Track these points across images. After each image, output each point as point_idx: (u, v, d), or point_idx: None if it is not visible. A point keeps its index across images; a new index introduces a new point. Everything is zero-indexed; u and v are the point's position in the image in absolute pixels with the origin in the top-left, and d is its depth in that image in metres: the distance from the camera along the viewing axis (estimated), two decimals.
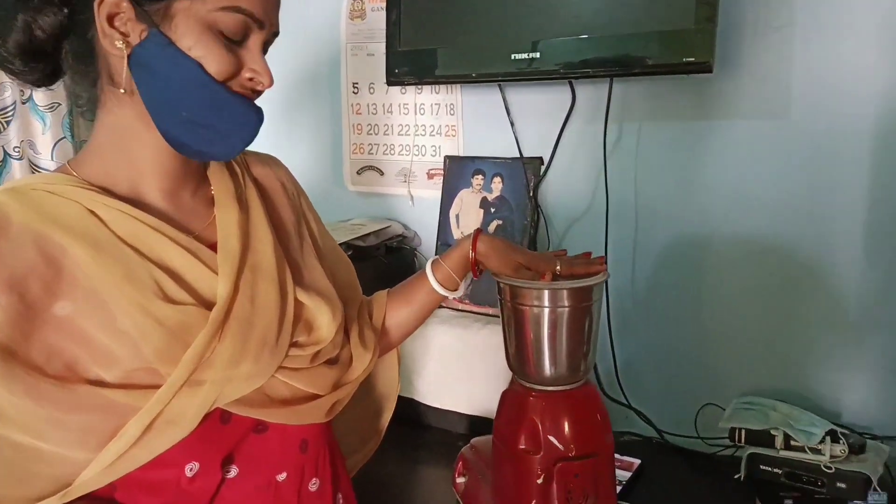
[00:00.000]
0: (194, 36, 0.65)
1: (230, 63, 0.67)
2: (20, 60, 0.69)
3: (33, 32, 0.67)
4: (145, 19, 0.65)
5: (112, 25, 0.65)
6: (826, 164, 1.16)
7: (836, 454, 1.04)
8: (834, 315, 1.19)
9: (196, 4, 0.65)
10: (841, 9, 1.12)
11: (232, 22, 0.66)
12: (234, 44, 0.68)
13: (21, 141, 1.40)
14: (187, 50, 0.65)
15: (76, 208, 0.67)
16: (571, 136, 1.38)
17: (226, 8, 0.65)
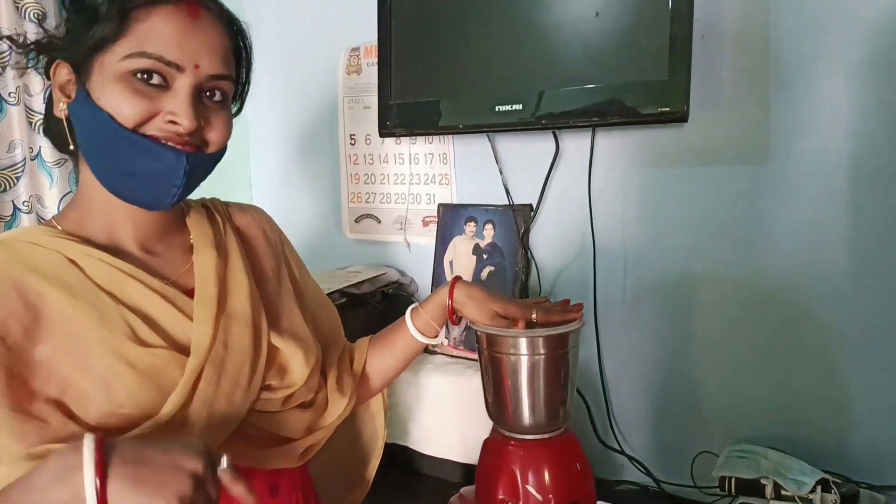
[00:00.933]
0: (106, 87, 0.68)
1: (140, 108, 0.68)
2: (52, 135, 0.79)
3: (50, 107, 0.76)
4: (78, 81, 0.70)
5: (63, 91, 0.72)
6: (806, 205, 1.17)
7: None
8: (824, 358, 1.18)
9: (106, 57, 0.68)
10: (816, 55, 1.14)
11: (143, 66, 0.68)
12: (154, 88, 0.69)
13: (30, 196, 1.45)
14: (98, 101, 0.69)
15: (55, 257, 0.71)
16: (558, 184, 1.40)
17: (131, 55, 0.68)
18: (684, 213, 1.28)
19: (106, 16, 0.68)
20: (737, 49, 1.19)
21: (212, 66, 0.71)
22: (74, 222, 0.76)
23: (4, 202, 1.44)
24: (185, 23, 0.70)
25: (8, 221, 1.44)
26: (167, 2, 0.69)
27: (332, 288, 1.39)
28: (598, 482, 1.33)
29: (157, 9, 0.69)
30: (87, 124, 0.70)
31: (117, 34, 0.68)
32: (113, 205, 0.75)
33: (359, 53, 1.63)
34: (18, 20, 1.39)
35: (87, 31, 0.68)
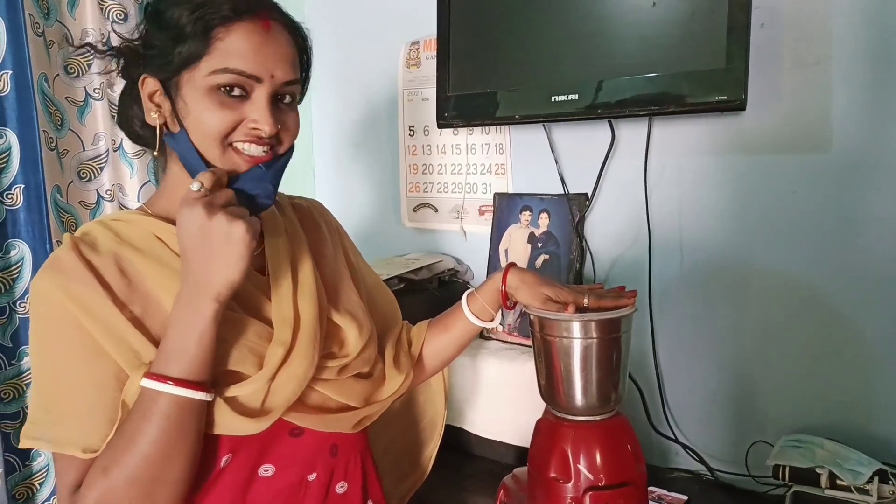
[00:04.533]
0: (196, 101, 0.76)
1: (227, 119, 0.76)
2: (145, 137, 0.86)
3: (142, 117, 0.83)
4: (167, 94, 0.78)
5: (151, 100, 0.79)
6: (868, 196, 1.15)
7: (884, 495, 1.01)
8: (881, 350, 1.16)
9: (194, 73, 0.76)
10: (878, 43, 1.11)
11: (226, 81, 0.76)
12: (236, 99, 0.77)
13: (112, 185, 1.55)
14: (189, 114, 0.77)
15: (145, 233, 0.81)
16: (614, 173, 1.41)
17: (216, 71, 0.75)
18: (742, 202, 1.27)
19: (192, 36, 0.75)
20: (798, 37, 1.18)
21: (284, 73, 0.79)
22: (162, 208, 0.84)
23: (89, 191, 1.54)
24: (261, 37, 0.77)
25: (92, 209, 1.55)
26: (243, 18, 0.76)
27: (390, 273, 1.45)
28: (652, 469, 1.35)
29: (234, 26, 0.75)
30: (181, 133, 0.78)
31: (202, 52, 0.75)
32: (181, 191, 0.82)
33: (418, 47, 1.67)
34: (103, 20, 1.49)
35: (172, 49, 0.75)
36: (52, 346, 0.75)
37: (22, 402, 1.45)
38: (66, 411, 0.74)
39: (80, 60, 1.51)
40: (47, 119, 1.44)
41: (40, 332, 0.76)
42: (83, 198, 1.53)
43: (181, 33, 0.75)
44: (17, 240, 1.41)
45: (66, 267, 0.75)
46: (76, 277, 0.75)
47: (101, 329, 0.74)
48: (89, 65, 1.51)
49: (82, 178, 1.53)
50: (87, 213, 1.54)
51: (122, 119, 0.88)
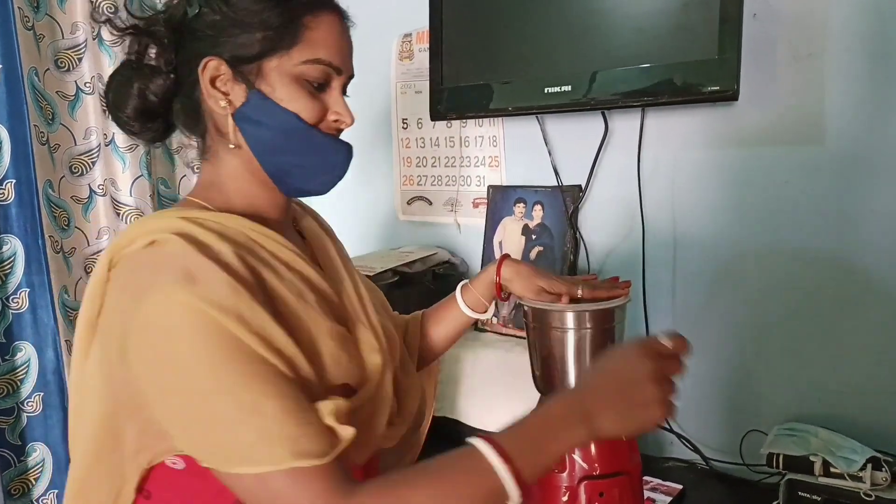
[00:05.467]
0: (286, 89, 0.73)
1: (317, 109, 0.75)
2: (138, 123, 0.78)
3: (147, 97, 0.76)
4: (242, 79, 0.73)
5: (214, 86, 0.74)
6: (862, 188, 1.15)
7: (877, 482, 1.01)
8: (876, 339, 1.17)
9: (283, 61, 0.73)
10: (872, 34, 1.12)
11: (315, 72, 0.74)
12: (317, 90, 0.76)
13: (105, 179, 1.55)
14: (281, 102, 0.73)
15: (239, 233, 0.73)
16: (608, 165, 1.41)
17: (308, 61, 0.74)
18: (735, 194, 1.27)
19: (280, 21, 0.72)
20: (791, 28, 1.18)
21: (352, 67, 0.80)
22: (222, 204, 0.77)
23: (81, 185, 1.54)
24: (341, 27, 0.77)
25: (85, 203, 1.54)
26: (327, 9, 0.76)
27: (384, 267, 1.45)
28: (647, 459, 1.36)
29: (321, 17, 0.75)
30: (265, 122, 0.74)
31: (293, 40, 0.73)
32: (257, 189, 0.78)
33: (411, 40, 1.67)
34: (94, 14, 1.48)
35: (255, 32, 0.72)
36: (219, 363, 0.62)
37: (17, 397, 1.44)
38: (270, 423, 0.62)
39: (71, 54, 1.50)
40: (38, 113, 1.44)
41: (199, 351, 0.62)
42: (75, 192, 1.53)
43: (267, 18, 0.72)
44: (9, 235, 1.40)
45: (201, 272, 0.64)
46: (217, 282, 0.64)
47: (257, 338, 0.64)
48: (80, 59, 1.51)
49: (74, 173, 1.53)
50: (80, 207, 1.54)
51: (118, 101, 0.77)
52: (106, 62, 1.49)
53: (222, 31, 0.73)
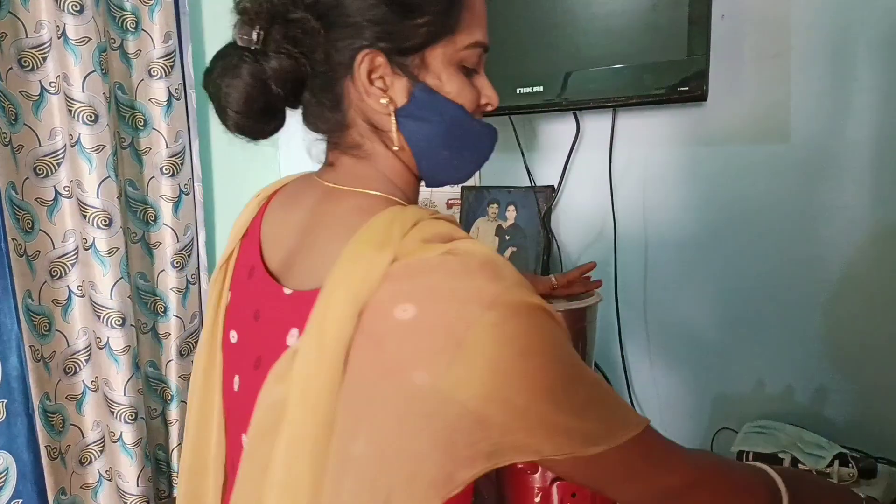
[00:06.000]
0: (452, 80, 0.66)
1: (475, 96, 0.68)
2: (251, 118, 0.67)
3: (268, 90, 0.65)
4: (404, 72, 0.65)
5: (370, 81, 0.64)
6: (827, 186, 1.17)
7: (844, 478, 1.03)
8: (841, 336, 1.19)
9: (447, 49, 0.65)
10: (837, 34, 1.13)
11: (473, 56, 0.67)
12: (471, 75, 0.69)
13: (70, 181, 1.51)
14: (449, 95, 0.66)
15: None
16: (580, 165, 1.42)
17: (470, 45, 0.66)
18: (704, 193, 1.28)
19: (447, 5, 0.64)
20: (758, 28, 1.20)
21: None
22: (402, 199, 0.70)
23: (46, 187, 1.50)
24: (485, 4, 0.69)
25: (50, 206, 1.51)
26: None
27: None
28: None
29: None
30: (430, 117, 0.66)
31: (457, 24, 0.65)
32: (412, 181, 0.72)
33: None
34: (58, 12, 1.45)
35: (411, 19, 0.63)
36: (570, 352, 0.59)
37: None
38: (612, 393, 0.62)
39: (35, 53, 1.47)
40: (0, 114, 1.40)
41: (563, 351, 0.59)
42: (40, 195, 1.49)
43: (433, 2, 0.63)
44: None
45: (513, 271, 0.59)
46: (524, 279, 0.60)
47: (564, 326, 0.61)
48: (44, 58, 1.47)
49: (39, 175, 1.49)
50: (45, 210, 1.50)
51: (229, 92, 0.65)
52: (71, 61, 1.46)
53: (380, 19, 0.63)
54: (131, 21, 1.59)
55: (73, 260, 1.54)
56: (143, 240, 1.68)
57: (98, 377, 1.58)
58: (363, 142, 0.68)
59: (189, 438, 0.77)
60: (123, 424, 1.58)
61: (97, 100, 1.49)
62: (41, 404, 1.48)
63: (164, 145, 1.65)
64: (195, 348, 1.74)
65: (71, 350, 1.56)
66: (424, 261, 0.57)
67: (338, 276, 0.58)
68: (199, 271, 1.77)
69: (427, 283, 0.56)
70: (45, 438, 1.49)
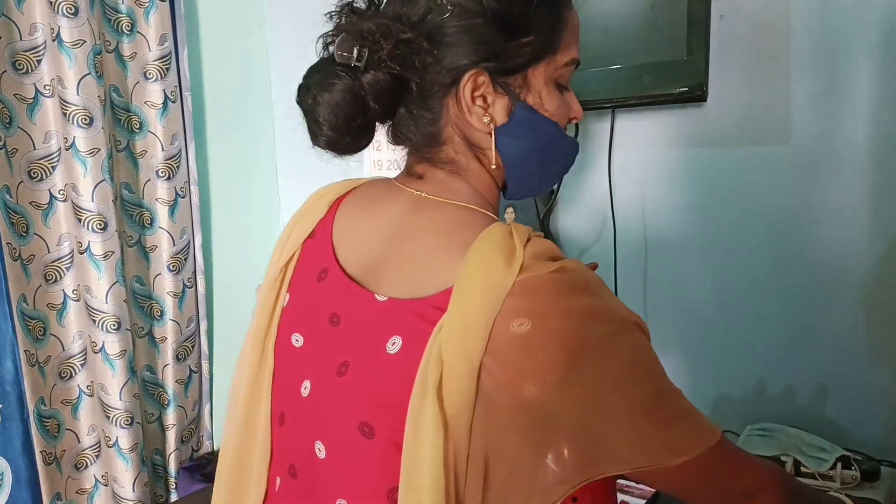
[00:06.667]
0: (550, 98, 0.66)
1: (568, 112, 0.69)
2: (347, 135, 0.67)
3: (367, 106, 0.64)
4: (507, 91, 0.65)
5: (472, 100, 0.64)
6: (827, 186, 1.16)
7: (847, 481, 1.02)
8: (845, 338, 1.18)
9: (548, 67, 0.65)
10: (836, 34, 1.13)
11: (568, 74, 0.68)
12: (563, 91, 0.69)
13: (65, 185, 1.50)
14: (546, 112, 0.66)
15: None
16: (579, 166, 1.41)
17: (568, 63, 0.67)
18: (704, 193, 1.28)
19: (552, 24, 0.65)
20: (757, 29, 1.19)
21: None
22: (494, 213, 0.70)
23: (41, 191, 1.49)
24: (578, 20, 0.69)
25: (45, 209, 1.50)
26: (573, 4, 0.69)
27: None
28: None
29: (573, 11, 0.68)
30: (528, 136, 0.67)
31: (559, 43, 0.66)
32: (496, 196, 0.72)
33: None
34: (52, 14, 1.44)
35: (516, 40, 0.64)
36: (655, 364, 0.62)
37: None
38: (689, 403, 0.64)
39: (29, 56, 1.46)
40: None
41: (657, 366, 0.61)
42: (34, 198, 1.48)
43: (539, 19, 0.64)
44: None
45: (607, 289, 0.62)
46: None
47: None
48: (39, 61, 1.47)
49: (33, 178, 1.48)
50: (39, 213, 1.49)
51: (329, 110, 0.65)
52: (66, 64, 1.45)
53: (485, 39, 0.63)
54: (126, 23, 1.58)
55: (68, 264, 1.53)
56: (139, 243, 1.67)
57: (94, 382, 1.57)
58: (458, 158, 0.68)
59: (231, 443, 0.75)
60: (119, 429, 1.57)
61: (92, 103, 1.48)
62: (36, 409, 1.47)
63: (159, 148, 1.64)
64: (192, 352, 1.75)
65: (66, 354, 1.55)
66: (538, 277, 0.57)
67: (472, 283, 0.58)
68: (195, 275, 1.76)
69: (541, 299, 0.57)
70: (41, 443, 1.48)
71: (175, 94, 1.65)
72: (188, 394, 1.76)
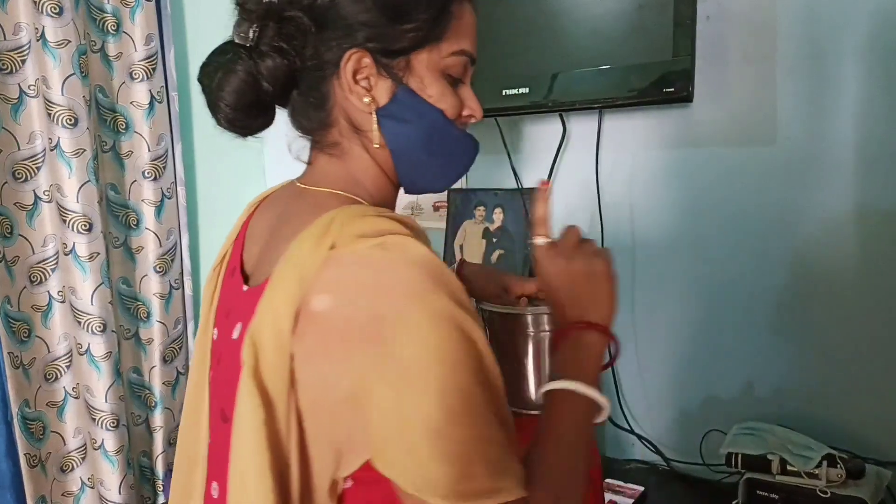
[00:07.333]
0: (434, 84, 0.67)
1: (458, 104, 0.70)
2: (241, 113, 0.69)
3: (260, 86, 0.67)
4: (389, 73, 0.66)
5: (355, 81, 0.66)
6: (812, 187, 1.17)
7: (832, 479, 1.02)
8: (829, 337, 1.19)
9: (432, 54, 0.67)
10: (822, 36, 1.14)
11: (458, 65, 0.69)
12: (456, 84, 0.70)
13: (50, 185, 1.49)
14: (430, 98, 0.68)
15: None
16: (566, 167, 1.41)
17: (455, 52, 0.68)
18: (691, 193, 1.28)
19: (436, 12, 0.66)
20: (743, 30, 1.20)
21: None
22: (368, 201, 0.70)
23: (25, 192, 1.48)
24: (474, 17, 0.70)
25: (29, 210, 1.48)
26: None
27: None
28: (608, 461, 1.36)
29: (464, 4, 0.69)
30: (411, 120, 0.68)
31: (444, 32, 0.67)
32: (385, 186, 0.72)
33: None
34: (36, 14, 1.43)
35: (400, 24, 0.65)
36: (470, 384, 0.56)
37: None
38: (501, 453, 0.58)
39: (13, 56, 1.44)
40: None
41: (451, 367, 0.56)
42: (19, 199, 1.47)
43: (422, 7, 0.65)
44: None
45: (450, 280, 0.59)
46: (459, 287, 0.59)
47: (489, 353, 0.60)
48: (23, 61, 1.45)
49: (17, 179, 1.47)
50: (24, 214, 1.48)
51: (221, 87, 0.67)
52: (51, 64, 1.44)
53: (370, 21, 0.65)
54: (112, 23, 1.57)
55: (52, 265, 1.52)
56: (125, 244, 1.66)
57: (79, 384, 1.56)
58: (341, 140, 0.70)
59: (182, 435, 0.78)
60: (105, 431, 1.56)
61: (77, 103, 1.47)
62: (20, 411, 1.45)
63: (146, 149, 1.63)
64: (179, 354, 1.74)
65: (51, 356, 1.53)
66: (352, 252, 0.58)
67: (280, 271, 0.60)
68: (182, 276, 1.74)
69: (348, 273, 0.58)
70: (25, 446, 1.46)
71: (161, 94, 1.64)
72: (175, 396, 1.75)
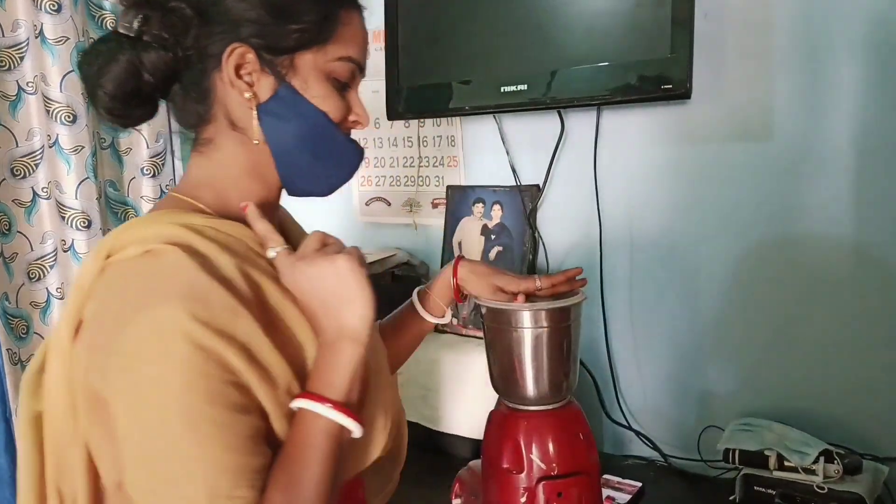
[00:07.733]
0: (317, 86, 0.69)
1: (344, 109, 0.71)
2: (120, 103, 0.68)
3: (140, 76, 0.67)
4: (272, 71, 0.67)
5: (238, 76, 0.67)
6: (809, 183, 1.17)
7: (829, 474, 1.03)
8: (827, 333, 1.19)
9: (318, 56, 0.68)
10: (818, 33, 1.14)
11: (344, 70, 0.70)
12: (342, 89, 0.71)
13: (49, 182, 1.49)
14: (312, 99, 0.69)
15: (240, 242, 0.69)
16: (565, 164, 1.41)
17: (341, 58, 0.69)
18: (689, 191, 1.28)
19: (319, 14, 0.68)
20: (740, 27, 1.20)
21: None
22: (216, 203, 0.71)
23: (23, 188, 1.48)
24: (364, 26, 0.72)
25: (28, 207, 1.49)
26: (355, 6, 0.72)
27: None
28: (607, 457, 1.36)
29: (353, 13, 0.71)
30: (292, 119, 0.69)
31: (329, 36, 0.68)
32: (257, 187, 0.73)
33: None
34: (35, 11, 1.43)
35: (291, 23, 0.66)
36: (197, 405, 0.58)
37: None
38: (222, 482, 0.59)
39: (12, 53, 1.44)
40: None
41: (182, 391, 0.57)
42: (17, 196, 1.47)
43: (308, 9, 0.67)
44: None
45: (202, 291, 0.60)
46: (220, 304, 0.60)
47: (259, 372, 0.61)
48: (21, 58, 1.45)
49: (16, 176, 1.47)
50: (22, 211, 1.48)
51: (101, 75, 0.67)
52: (49, 61, 1.44)
53: (255, 18, 0.66)
54: (111, 20, 1.57)
55: (51, 262, 1.52)
56: None
57: None
58: (215, 137, 0.71)
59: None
60: None
61: (76, 100, 1.47)
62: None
63: (144, 146, 1.63)
64: None
65: None
66: (119, 260, 0.63)
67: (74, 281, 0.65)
68: None
69: (110, 281, 0.62)
70: None
71: None
72: None
